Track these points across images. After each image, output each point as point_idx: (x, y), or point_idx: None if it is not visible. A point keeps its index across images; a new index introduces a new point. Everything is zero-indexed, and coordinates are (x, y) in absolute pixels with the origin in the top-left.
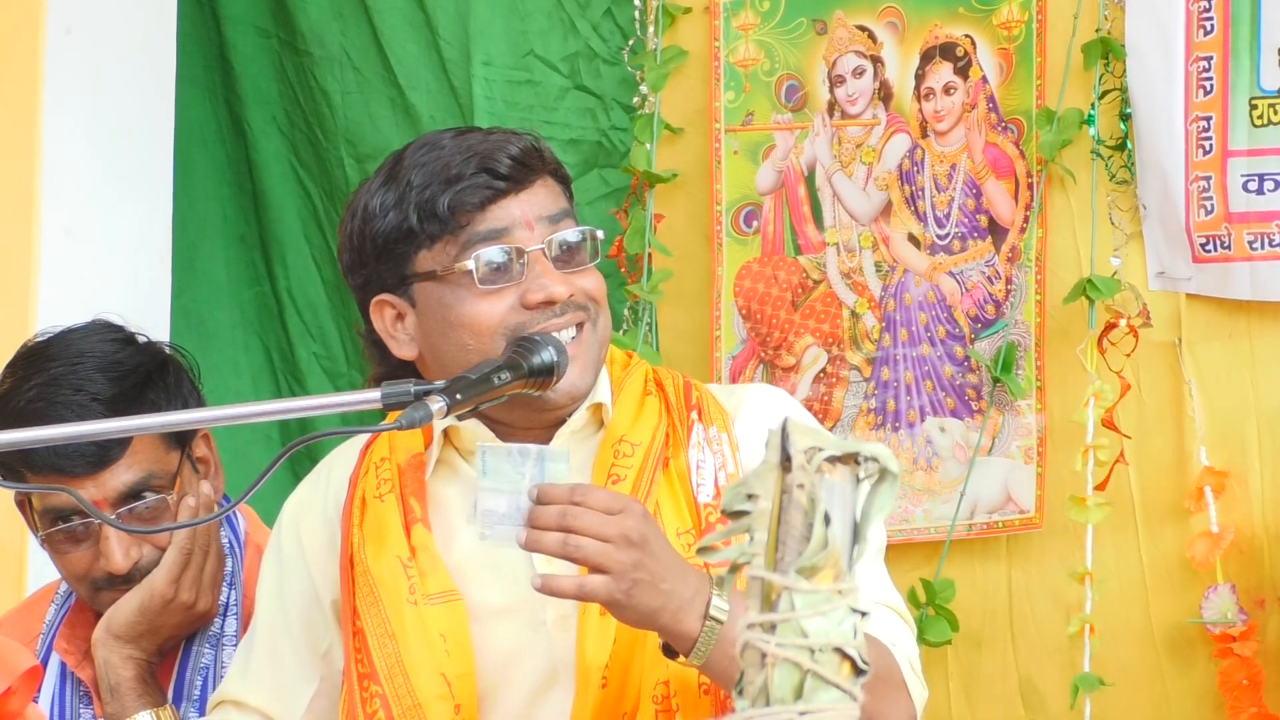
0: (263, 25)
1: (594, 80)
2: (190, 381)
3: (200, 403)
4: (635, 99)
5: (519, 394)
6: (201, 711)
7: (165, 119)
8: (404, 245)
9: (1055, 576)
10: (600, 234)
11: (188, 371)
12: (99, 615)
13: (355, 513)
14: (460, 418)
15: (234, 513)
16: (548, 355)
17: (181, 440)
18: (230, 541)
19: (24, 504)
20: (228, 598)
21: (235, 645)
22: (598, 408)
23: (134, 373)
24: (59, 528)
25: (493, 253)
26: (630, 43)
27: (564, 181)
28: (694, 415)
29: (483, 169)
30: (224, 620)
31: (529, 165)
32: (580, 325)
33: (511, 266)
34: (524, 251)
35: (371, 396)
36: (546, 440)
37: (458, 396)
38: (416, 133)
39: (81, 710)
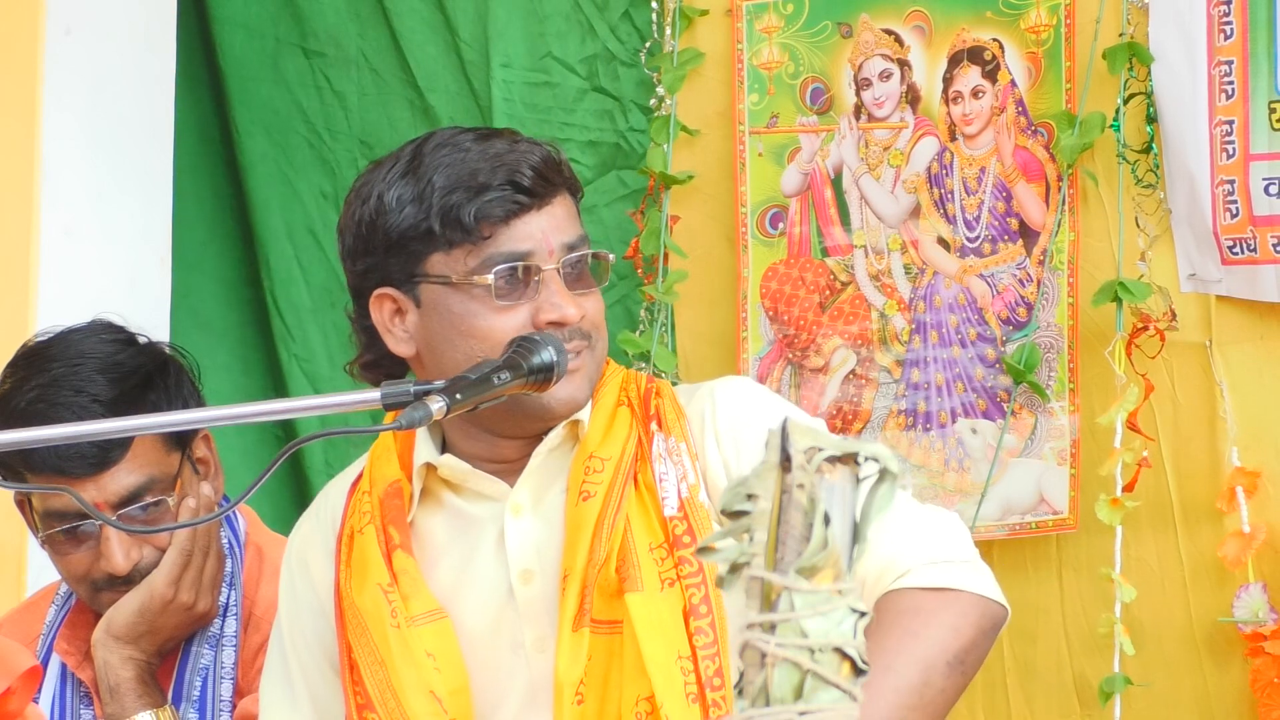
0: (256, 26)
1: (612, 82)
2: (191, 382)
3: (200, 403)
4: (652, 100)
5: (517, 395)
6: (201, 711)
7: (165, 119)
8: (419, 245)
9: (1102, 575)
10: (612, 257)
11: (188, 372)
12: (99, 616)
13: (343, 549)
14: (443, 443)
15: (234, 513)
16: (547, 355)
17: (182, 441)
18: (230, 542)
19: (24, 505)
20: (227, 598)
21: (235, 646)
22: (574, 423)
23: (135, 374)
24: (60, 529)
25: (513, 271)
26: (647, 45)
27: (576, 193)
28: (653, 426)
29: (509, 180)
30: (223, 621)
31: (549, 179)
32: (579, 353)
33: (528, 284)
34: (540, 269)
35: (371, 397)
36: (525, 457)
37: (458, 396)
38: None
39: (82, 711)
